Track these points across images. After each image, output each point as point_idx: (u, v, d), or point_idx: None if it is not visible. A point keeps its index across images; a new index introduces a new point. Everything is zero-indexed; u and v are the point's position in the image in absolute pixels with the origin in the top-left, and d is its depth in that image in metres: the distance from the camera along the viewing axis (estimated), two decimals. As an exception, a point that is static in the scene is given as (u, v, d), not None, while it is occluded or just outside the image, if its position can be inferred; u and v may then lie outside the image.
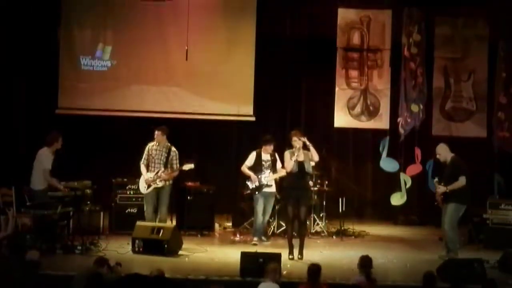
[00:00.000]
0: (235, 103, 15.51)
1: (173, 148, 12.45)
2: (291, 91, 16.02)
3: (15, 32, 14.95)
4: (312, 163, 11.64)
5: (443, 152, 11.64)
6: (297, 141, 11.33)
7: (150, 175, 12.36)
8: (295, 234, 11.43)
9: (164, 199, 12.38)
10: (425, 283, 8.30)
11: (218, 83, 15.49)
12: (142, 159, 12.51)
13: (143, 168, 12.48)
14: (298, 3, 15.66)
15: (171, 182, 12.46)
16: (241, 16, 15.49)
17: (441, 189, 11.44)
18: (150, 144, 12.53)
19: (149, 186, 12.39)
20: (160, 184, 12.33)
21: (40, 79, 15.22)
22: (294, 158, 11.28)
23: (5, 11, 14.85)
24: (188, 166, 12.45)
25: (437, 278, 8.66)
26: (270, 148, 12.78)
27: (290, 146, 11.50)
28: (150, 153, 12.47)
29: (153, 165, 12.41)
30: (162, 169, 12.33)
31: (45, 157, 11.77)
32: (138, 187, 12.59)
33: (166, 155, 12.39)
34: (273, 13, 15.64)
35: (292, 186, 11.45)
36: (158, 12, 15.31)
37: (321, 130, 15.33)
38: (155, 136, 12.46)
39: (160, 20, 15.38)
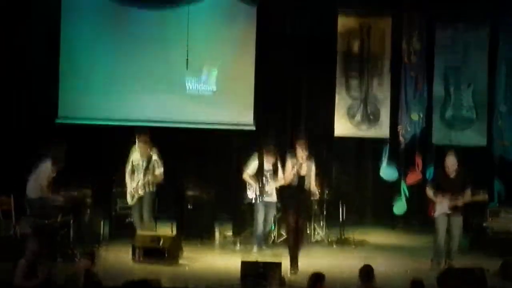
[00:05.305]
0: (235, 111, 15.53)
1: (154, 156, 12.38)
2: (291, 98, 16.01)
3: (14, 37, 14.96)
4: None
5: (456, 164, 11.46)
6: (300, 153, 11.14)
7: (133, 185, 12.35)
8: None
9: (146, 207, 12.32)
10: None
11: (218, 92, 15.52)
12: (127, 170, 12.44)
13: (127, 179, 12.44)
14: (297, 10, 15.64)
15: (153, 189, 12.38)
16: (241, 23, 15.55)
17: (459, 201, 11.38)
18: (133, 154, 12.47)
19: (133, 197, 12.37)
20: (141, 192, 12.31)
21: (40, 88, 15.22)
22: (294, 172, 11.10)
23: (6, 12, 14.86)
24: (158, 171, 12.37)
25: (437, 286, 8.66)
26: (271, 157, 12.76)
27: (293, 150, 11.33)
28: (134, 163, 12.44)
29: (136, 174, 12.39)
30: (142, 178, 12.30)
31: (44, 173, 11.70)
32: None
33: (146, 163, 12.35)
34: (273, 14, 15.61)
35: (292, 197, 11.31)
36: (159, 20, 15.34)
37: (321, 138, 15.32)
38: (136, 146, 12.40)
39: (161, 29, 15.40)
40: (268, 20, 15.53)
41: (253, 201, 12.72)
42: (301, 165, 11.09)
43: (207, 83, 15.53)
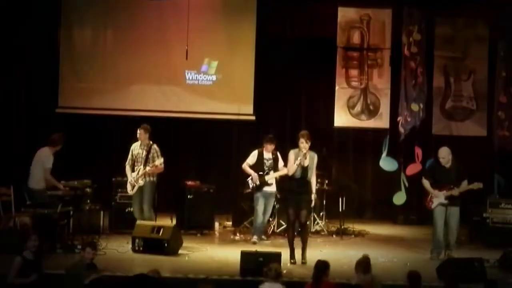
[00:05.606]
0: (235, 102, 15.52)
1: (154, 146, 12.41)
2: (291, 90, 16.00)
3: (15, 31, 14.95)
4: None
5: (447, 156, 11.54)
6: (303, 144, 10.99)
7: (133, 175, 12.36)
8: (296, 234, 11.35)
9: (146, 197, 12.34)
10: (411, 284, 8.20)
11: (218, 83, 15.51)
12: (127, 160, 12.51)
13: (127, 169, 12.48)
14: (298, 2, 15.63)
15: (153, 179, 12.40)
16: (241, 16, 15.50)
17: (455, 191, 11.41)
18: (134, 145, 12.54)
19: (133, 187, 12.38)
20: (141, 182, 12.32)
21: (40, 78, 15.22)
22: (297, 162, 10.97)
23: (6, 10, 14.84)
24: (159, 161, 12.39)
25: (437, 277, 8.67)
26: (271, 147, 12.75)
27: (295, 146, 11.20)
28: (133, 153, 12.48)
29: (137, 164, 12.42)
30: (142, 168, 12.32)
31: (46, 157, 11.70)
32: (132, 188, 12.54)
33: (146, 153, 12.37)
34: (273, 12, 15.62)
35: (293, 190, 11.16)
36: (158, 12, 15.31)
37: (321, 129, 15.29)
38: (138, 135, 12.45)
39: (161, 19, 15.38)
40: (269, 11, 15.49)
41: (253, 191, 12.71)
42: (304, 156, 11.05)
43: (207, 74, 15.51)
